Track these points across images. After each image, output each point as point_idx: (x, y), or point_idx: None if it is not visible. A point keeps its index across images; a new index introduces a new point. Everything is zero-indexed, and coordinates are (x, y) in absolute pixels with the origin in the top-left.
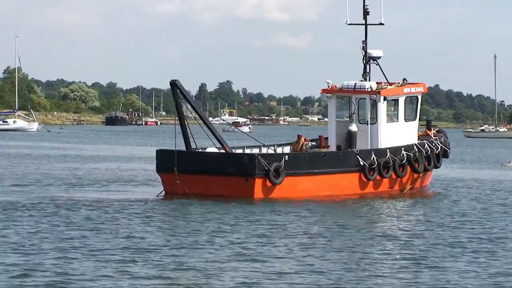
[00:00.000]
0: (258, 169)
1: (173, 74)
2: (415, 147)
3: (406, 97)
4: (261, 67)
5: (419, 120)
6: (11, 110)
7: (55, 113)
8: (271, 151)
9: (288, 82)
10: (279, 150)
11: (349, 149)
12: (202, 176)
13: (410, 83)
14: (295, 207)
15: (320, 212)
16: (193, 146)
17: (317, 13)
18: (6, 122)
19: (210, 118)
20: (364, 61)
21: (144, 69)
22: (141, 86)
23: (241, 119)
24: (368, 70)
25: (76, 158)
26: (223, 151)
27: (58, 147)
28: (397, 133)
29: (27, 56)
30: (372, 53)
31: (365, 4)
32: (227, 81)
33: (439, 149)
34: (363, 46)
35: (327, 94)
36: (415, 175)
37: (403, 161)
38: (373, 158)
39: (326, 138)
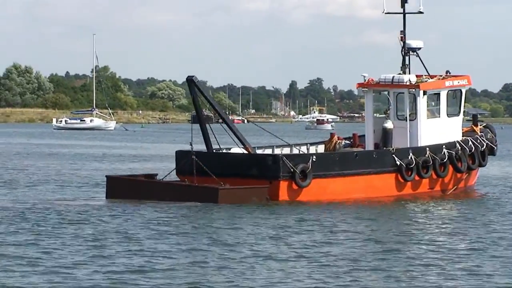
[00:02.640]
0: (283, 171)
1: (263, 72)
2: (457, 144)
3: (449, 90)
4: (352, 65)
5: (464, 115)
6: (89, 109)
7: (140, 111)
8: (304, 150)
9: None
10: (312, 149)
11: (384, 148)
12: (223, 179)
13: (453, 76)
14: (320, 211)
15: (350, 215)
16: (218, 146)
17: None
18: (84, 120)
19: (300, 116)
20: (403, 52)
21: (235, 67)
22: (231, 84)
23: (328, 116)
24: (407, 62)
25: (101, 157)
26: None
27: (110, 145)
28: (438, 129)
29: (118, 55)
30: (411, 44)
31: None
32: (318, 79)
33: (484, 146)
34: (401, 37)
35: (363, 89)
36: (458, 175)
37: (444, 160)
38: (411, 157)
39: (360, 136)
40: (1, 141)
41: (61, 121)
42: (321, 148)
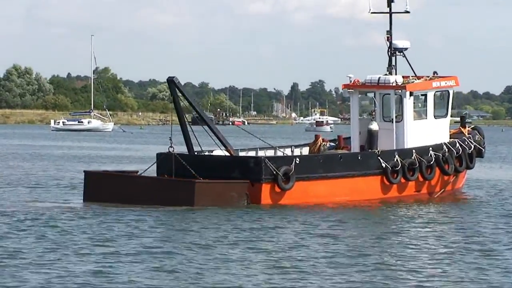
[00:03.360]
0: (265, 174)
1: (265, 74)
2: (444, 146)
3: (436, 91)
4: (354, 67)
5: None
6: (87, 110)
7: (140, 113)
8: (288, 153)
9: None
10: (296, 151)
11: (370, 150)
12: None
13: (440, 77)
14: (302, 214)
15: (333, 218)
16: (200, 149)
17: (411, 12)
18: (82, 122)
19: (301, 118)
20: (389, 53)
21: (236, 69)
22: (233, 86)
23: (328, 118)
24: (393, 63)
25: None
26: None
27: (102, 147)
28: (425, 131)
29: (120, 57)
30: (397, 44)
31: None
32: (320, 81)
33: (472, 148)
34: (387, 37)
35: (348, 90)
36: (445, 177)
37: (431, 162)
38: (397, 159)
39: (346, 138)
40: None
41: (59, 122)
42: (306, 151)
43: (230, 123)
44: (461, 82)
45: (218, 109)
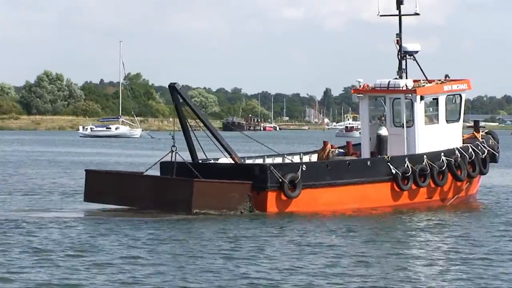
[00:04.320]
0: (270, 181)
1: (298, 80)
2: (457, 151)
3: (448, 95)
4: (387, 71)
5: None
6: (115, 116)
7: (170, 119)
8: (296, 159)
9: None
10: (305, 158)
11: (379, 156)
12: None
13: (452, 80)
14: (307, 222)
15: (339, 227)
16: (206, 157)
17: (444, 17)
18: (109, 128)
19: (334, 123)
20: (399, 56)
21: (270, 74)
22: (266, 92)
23: (359, 124)
24: (404, 67)
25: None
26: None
27: (125, 153)
28: (437, 136)
29: (153, 63)
30: (407, 48)
31: None
32: (352, 86)
33: (485, 153)
34: (397, 40)
35: (358, 95)
36: (458, 183)
37: (443, 168)
38: (407, 165)
39: (356, 145)
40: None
41: (87, 128)
42: (315, 157)
43: (261, 128)
44: (495, 86)
45: (250, 115)
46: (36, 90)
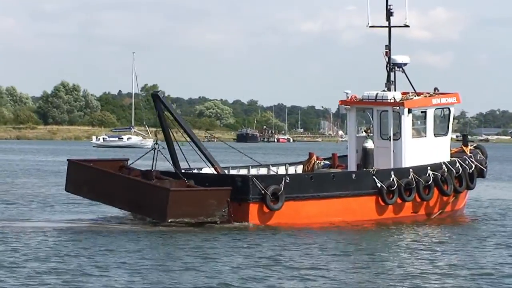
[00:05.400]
0: (252, 193)
1: (313, 92)
2: (444, 165)
3: (436, 109)
4: (403, 85)
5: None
6: (128, 127)
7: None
8: (282, 171)
9: None
10: (291, 170)
11: (365, 169)
12: None
13: (441, 93)
14: (289, 236)
15: (322, 240)
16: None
17: (458, 32)
18: (121, 138)
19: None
20: (388, 68)
21: (285, 87)
22: (281, 104)
23: None
24: (392, 79)
25: None
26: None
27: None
28: (425, 150)
29: (169, 74)
30: (396, 60)
31: (388, 4)
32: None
33: (473, 168)
34: (386, 52)
35: (345, 106)
36: (444, 198)
37: (429, 182)
38: (393, 179)
39: (342, 157)
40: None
41: (100, 138)
42: (300, 169)
43: (275, 140)
44: (508, 100)
45: (264, 126)
46: (53, 101)
